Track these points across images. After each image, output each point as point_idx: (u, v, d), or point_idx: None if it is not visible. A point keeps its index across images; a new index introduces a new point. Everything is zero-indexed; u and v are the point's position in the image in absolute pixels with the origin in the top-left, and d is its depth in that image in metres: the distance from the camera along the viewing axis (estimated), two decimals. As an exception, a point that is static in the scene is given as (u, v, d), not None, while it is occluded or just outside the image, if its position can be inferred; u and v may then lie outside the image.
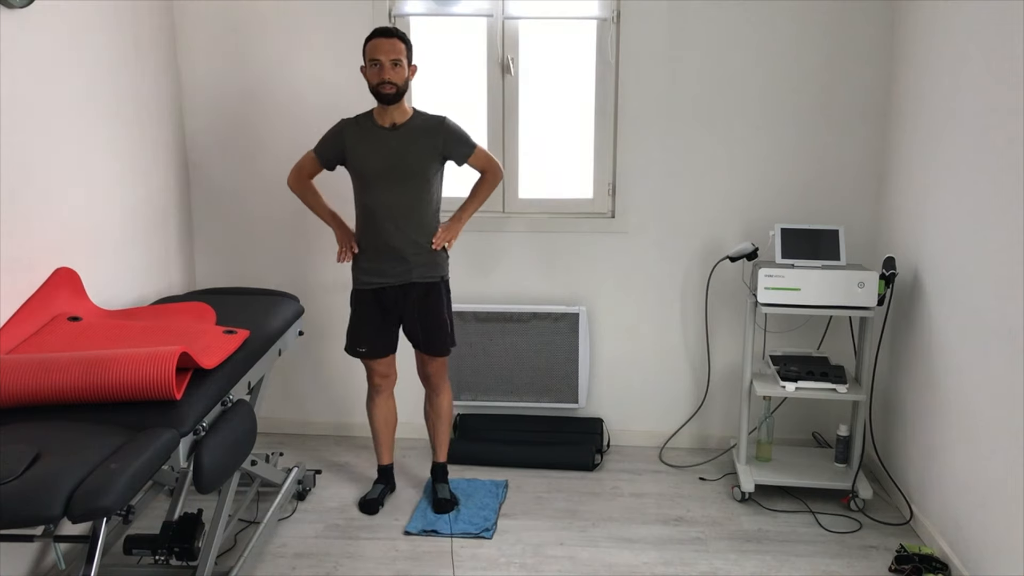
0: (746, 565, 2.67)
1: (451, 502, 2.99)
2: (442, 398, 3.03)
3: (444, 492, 3.03)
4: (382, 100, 2.70)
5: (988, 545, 2.38)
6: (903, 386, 3.02)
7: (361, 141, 2.77)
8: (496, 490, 3.12)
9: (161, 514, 2.96)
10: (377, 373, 2.98)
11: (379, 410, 3.04)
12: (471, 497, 3.06)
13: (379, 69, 2.65)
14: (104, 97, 2.82)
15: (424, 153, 2.75)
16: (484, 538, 2.81)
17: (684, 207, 3.34)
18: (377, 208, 2.76)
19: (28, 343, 2.26)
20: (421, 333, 2.89)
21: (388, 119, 2.76)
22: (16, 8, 2.35)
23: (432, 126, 2.77)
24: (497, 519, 2.93)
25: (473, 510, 2.97)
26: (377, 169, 2.74)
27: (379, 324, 2.89)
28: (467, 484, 3.16)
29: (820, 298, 2.89)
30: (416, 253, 2.80)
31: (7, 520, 1.59)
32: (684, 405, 3.53)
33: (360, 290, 2.88)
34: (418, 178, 2.75)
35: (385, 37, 2.66)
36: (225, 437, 2.13)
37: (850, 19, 3.14)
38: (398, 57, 2.66)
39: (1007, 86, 2.29)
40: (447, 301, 2.91)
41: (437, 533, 2.84)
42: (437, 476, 3.09)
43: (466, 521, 2.90)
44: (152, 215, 3.17)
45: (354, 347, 2.92)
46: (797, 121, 3.23)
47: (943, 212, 2.70)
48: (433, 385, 3.01)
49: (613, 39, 3.26)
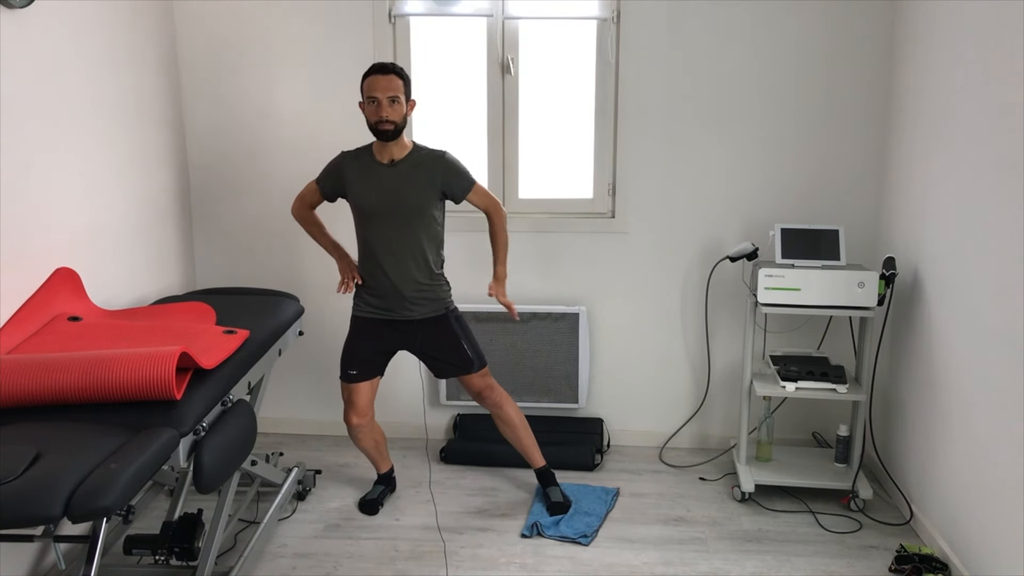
0: (746, 565, 2.67)
1: (564, 504, 2.96)
2: (505, 409, 2.95)
3: (556, 495, 3.00)
4: (380, 137, 2.65)
5: (988, 545, 2.38)
6: (903, 386, 3.02)
7: (360, 177, 2.72)
8: (606, 497, 3.08)
9: (161, 514, 2.96)
10: (355, 411, 2.87)
11: (364, 441, 2.98)
12: (578, 502, 3.02)
13: (377, 107, 2.60)
14: (104, 97, 2.82)
15: (423, 190, 2.69)
16: (581, 544, 2.78)
17: (684, 207, 3.34)
18: (377, 244, 2.73)
19: (28, 343, 2.26)
20: (438, 364, 2.86)
21: (387, 155, 2.71)
22: (16, 8, 2.35)
23: (431, 161, 2.72)
24: (600, 526, 2.90)
25: (578, 515, 2.94)
26: (376, 206, 2.69)
27: (375, 349, 2.84)
28: (576, 489, 3.12)
29: (820, 298, 2.89)
30: (415, 291, 2.75)
31: (7, 520, 1.59)
32: (684, 405, 3.53)
33: (360, 316, 2.84)
34: (417, 215, 2.70)
35: (382, 74, 2.60)
36: (225, 437, 2.13)
37: (850, 19, 3.14)
38: (396, 94, 2.60)
39: (1007, 86, 2.29)
40: (459, 327, 2.85)
41: (541, 534, 2.83)
42: (544, 481, 3.06)
43: (567, 525, 2.87)
44: (152, 215, 3.17)
45: (346, 370, 2.85)
46: (797, 121, 3.24)
47: (943, 212, 2.70)
48: (487, 400, 2.93)
49: (613, 39, 3.26)
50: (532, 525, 2.86)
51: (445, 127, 3.44)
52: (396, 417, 3.59)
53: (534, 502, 3.05)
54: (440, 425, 3.61)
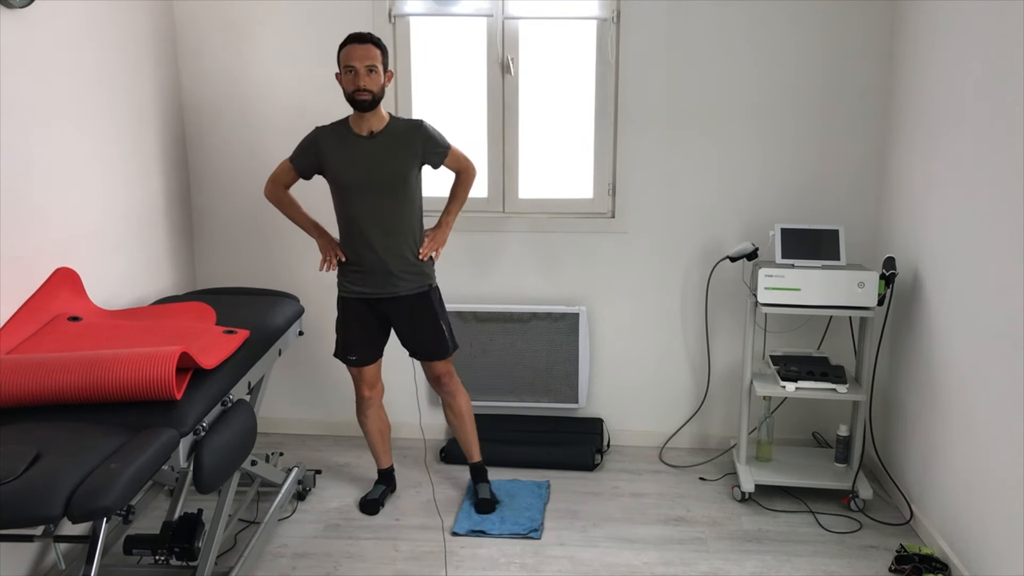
0: (746, 565, 2.67)
1: (492, 502, 2.98)
2: (458, 399, 2.99)
3: (485, 492, 3.02)
4: (357, 107, 2.64)
5: (988, 545, 2.38)
6: (903, 386, 3.02)
7: (337, 150, 2.71)
8: (539, 490, 3.11)
9: (161, 514, 2.96)
10: (365, 384, 2.94)
11: (371, 422, 3.02)
12: (514, 498, 3.05)
13: (354, 76, 2.59)
14: (104, 97, 2.82)
15: (404, 160, 2.70)
16: (533, 539, 2.80)
17: (684, 207, 3.34)
18: (359, 219, 2.71)
19: (28, 343, 2.26)
20: (416, 343, 2.87)
21: (365, 127, 2.69)
22: (16, 8, 2.35)
23: (409, 131, 2.72)
24: (543, 519, 2.92)
25: (518, 511, 2.95)
26: (357, 179, 2.68)
27: (368, 331, 2.86)
28: (509, 485, 3.15)
29: (820, 298, 2.89)
30: (401, 266, 2.75)
31: (7, 520, 1.59)
32: (684, 405, 3.53)
33: (346, 298, 2.84)
34: (399, 186, 2.70)
35: (359, 43, 2.59)
36: (225, 437, 2.13)
37: (850, 19, 3.14)
38: (373, 63, 2.59)
39: (1007, 86, 2.29)
40: (439, 306, 2.87)
41: (485, 533, 2.83)
42: (476, 476, 3.08)
43: (512, 522, 2.88)
44: (152, 215, 3.17)
45: (344, 355, 2.88)
46: (797, 121, 3.24)
47: (943, 212, 2.70)
48: (445, 388, 2.97)
49: (613, 39, 3.26)
50: (472, 530, 2.85)
51: (445, 127, 3.42)
52: (394, 417, 3.59)
53: (464, 499, 3.07)
54: (439, 425, 3.61)
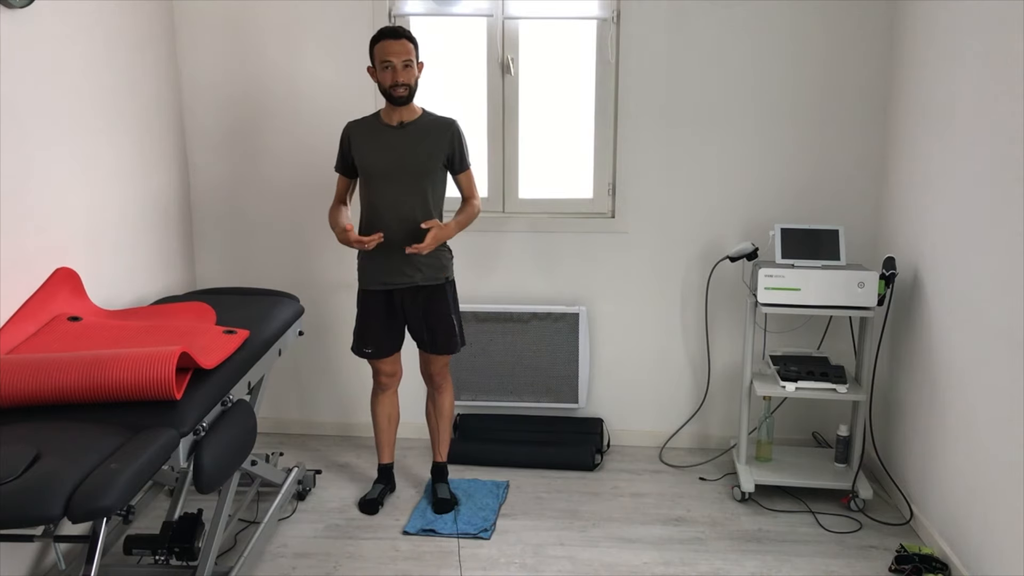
0: (746, 565, 2.67)
1: (450, 502, 2.99)
2: (444, 396, 3.03)
3: (444, 492, 3.03)
4: (395, 102, 2.71)
5: (988, 545, 2.38)
6: (903, 386, 3.02)
7: (366, 139, 2.77)
8: (496, 491, 3.12)
9: (161, 514, 2.96)
10: (383, 372, 2.98)
11: (383, 407, 3.04)
12: (471, 497, 3.06)
13: (391, 71, 2.65)
14: (104, 97, 2.82)
15: (432, 152, 2.75)
16: (482, 538, 2.81)
17: (684, 207, 3.34)
18: (384, 206, 2.75)
19: (28, 343, 2.26)
20: (428, 334, 2.89)
21: (396, 118, 2.76)
22: (16, 8, 2.35)
23: (443, 126, 2.78)
24: (496, 519, 2.93)
25: (473, 510, 2.97)
26: (384, 166, 2.74)
27: (386, 324, 2.89)
28: (468, 484, 3.16)
29: (820, 298, 2.89)
30: (419, 256, 2.77)
31: (7, 520, 1.59)
32: (684, 405, 3.53)
33: (367, 291, 2.87)
34: (425, 176, 2.75)
35: (394, 39, 2.65)
36: (225, 437, 2.13)
37: (850, 19, 3.14)
38: (409, 58, 2.66)
39: (1006, 86, 2.29)
40: (453, 301, 2.90)
41: (436, 533, 2.84)
42: (437, 476, 3.09)
43: (465, 521, 2.90)
44: (152, 215, 3.17)
45: (360, 348, 2.92)
46: (797, 120, 3.23)
47: (943, 212, 2.70)
48: (436, 383, 3.01)
49: (613, 39, 3.26)
50: (423, 528, 2.85)
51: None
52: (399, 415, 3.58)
53: (422, 498, 3.07)
54: (440, 425, 3.61)
